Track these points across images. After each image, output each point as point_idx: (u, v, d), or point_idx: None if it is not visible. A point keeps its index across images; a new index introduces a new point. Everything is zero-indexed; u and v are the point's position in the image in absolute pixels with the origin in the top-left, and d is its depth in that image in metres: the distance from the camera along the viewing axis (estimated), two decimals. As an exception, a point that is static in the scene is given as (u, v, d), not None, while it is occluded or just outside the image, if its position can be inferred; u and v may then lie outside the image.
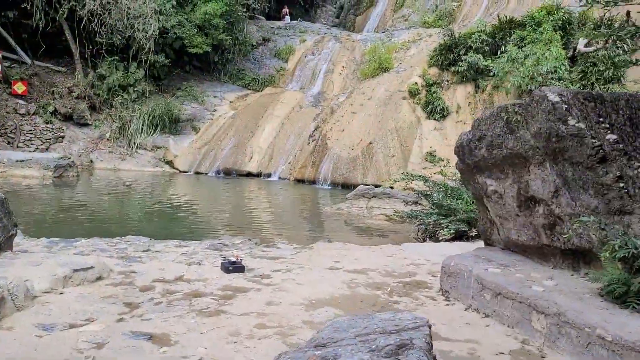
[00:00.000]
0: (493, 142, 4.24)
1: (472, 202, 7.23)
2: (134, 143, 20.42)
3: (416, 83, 18.76)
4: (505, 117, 4.11)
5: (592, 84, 15.21)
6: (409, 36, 23.78)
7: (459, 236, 7.47)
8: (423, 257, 6.21)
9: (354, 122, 17.85)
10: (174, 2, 21.34)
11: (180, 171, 19.97)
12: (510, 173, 4.26)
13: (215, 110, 22.32)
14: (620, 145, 3.49)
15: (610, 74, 15.28)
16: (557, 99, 3.63)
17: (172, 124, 21.18)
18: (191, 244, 6.86)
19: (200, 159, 20.00)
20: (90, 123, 20.94)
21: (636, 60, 7.08)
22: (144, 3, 20.70)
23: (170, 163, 20.23)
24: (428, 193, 8.00)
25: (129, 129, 20.54)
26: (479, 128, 4.43)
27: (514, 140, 4.06)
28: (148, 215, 11.62)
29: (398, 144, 17.13)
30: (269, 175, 19.06)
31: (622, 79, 15.55)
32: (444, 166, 9.12)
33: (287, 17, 30.17)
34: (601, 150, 3.49)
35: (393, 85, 19.02)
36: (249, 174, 19.32)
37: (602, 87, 15.14)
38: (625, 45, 16.12)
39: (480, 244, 5.45)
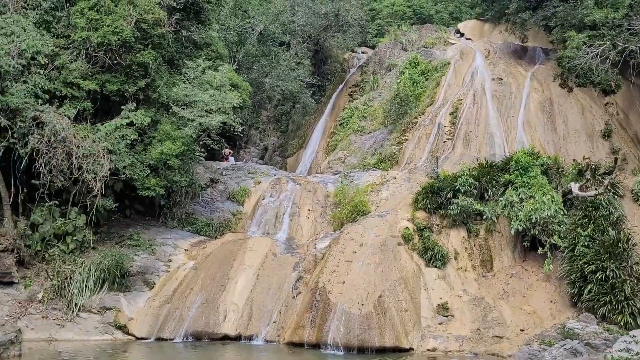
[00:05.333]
0: None
1: None
2: (76, 305, 16.62)
3: (408, 228, 17.70)
4: None
5: (604, 227, 15.07)
6: (372, 178, 23.25)
7: None
8: None
9: (352, 272, 16.00)
10: (128, 141, 19.05)
11: (137, 338, 16.33)
12: None
13: (170, 261, 19.31)
14: None
15: (615, 218, 15.35)
16: None
17: (121, 279, 17.79)
18: None
19: (162, 322, 16.61)
20: (17, 281, 16.92)
21: None
22: (95, 142, 18.22)
23: (123, 328, 16.55)
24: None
25: (69, 286, 16.82)
26: None
27: None
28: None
29: (409, 297, 15.44)
30: (250, 339, 16.11)
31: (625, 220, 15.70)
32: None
33: (232, 158, 28.81)
34: None
35: (382, 230, 17.75)
36: (225, 338, 16.22)
37: (613, 230, 15.06)
38: (619, 190, 16.64)
39: None
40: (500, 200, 17.35)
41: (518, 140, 24.61)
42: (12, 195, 17.69)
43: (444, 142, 26.98)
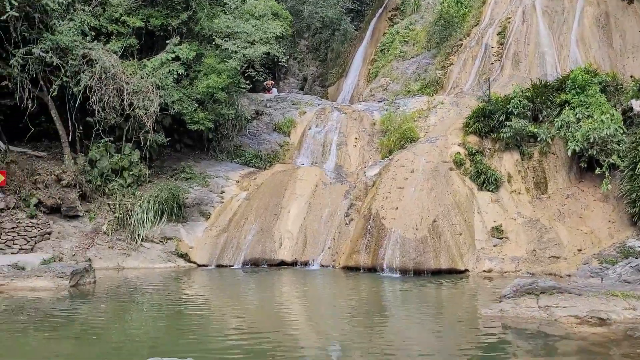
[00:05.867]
0: None
1: None
2: (138, 235, 17.41)
3: (459, 153, 17.52)
4: None
5: (668, 146, 14.57)
6: (419, 104, 22.85)
7: None
8: None
9: (405, 198, 16.10)
10: (175, 76, 19.11)
11: (198, 265, 17.10)
12: None
13: (223, 192, 19.82)
14: None
15: (680, 135, 14.77)
16: None
17: (179, 211, 18.43)
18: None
19: (220, 250, 17.28)
20: (81, 215, 17.75)
21: None
22: (143, 78, 18.37)
23: (184, 256, 17.32)
24: None
25: (130, 218, 17.56)
26: None
27: None
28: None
29: (462, 221, 15.52)
30: (306, 264, 16.67)
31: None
32: None
33: (275, 90, 28.66)
34: None
35: (433, 156, 17.62)
36: (282, 264, 16.83)
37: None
38: (685, 106, 15.84)
39: None
40: (556, 121, 16.85)
41: (571, 58, 23.53)
42: (69, 133, 18.26)
43: (492, 64, 26.06)
